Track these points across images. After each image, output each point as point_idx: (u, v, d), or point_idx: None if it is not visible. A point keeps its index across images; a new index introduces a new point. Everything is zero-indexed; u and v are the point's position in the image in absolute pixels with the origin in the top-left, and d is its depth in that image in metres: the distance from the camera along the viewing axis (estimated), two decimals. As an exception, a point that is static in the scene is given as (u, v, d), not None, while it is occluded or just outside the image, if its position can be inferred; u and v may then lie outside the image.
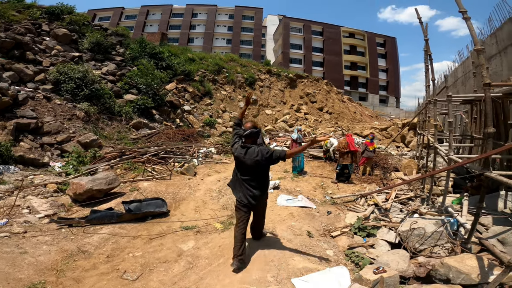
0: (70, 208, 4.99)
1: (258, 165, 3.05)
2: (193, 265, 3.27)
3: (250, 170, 3.09)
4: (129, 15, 49.02)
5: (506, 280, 2.60)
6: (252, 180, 3.10)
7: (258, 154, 3.01)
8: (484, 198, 3.42)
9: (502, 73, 6.54)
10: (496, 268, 2.78)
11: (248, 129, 3.14)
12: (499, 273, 2.40)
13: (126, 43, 15.92)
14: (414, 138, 12.72)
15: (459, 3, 2.95)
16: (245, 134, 3.12)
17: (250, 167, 3.07)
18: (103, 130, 10.28)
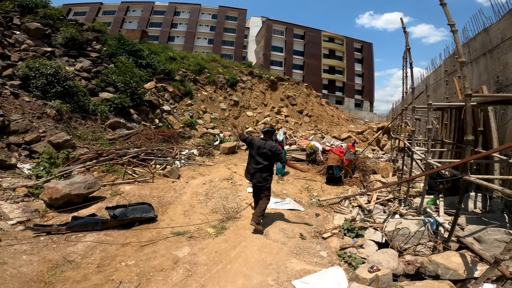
0: (45, 213, 4.59)
1: (272, 153, 4.33)
2: (192, 273, 3.19)
3: (265, 156, 4.30)
4: (107, 10, 46.79)
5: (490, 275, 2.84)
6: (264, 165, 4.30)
7: (273, 147, 4.37)
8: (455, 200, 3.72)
9: (472, 82, 7.10)
10: (479, 264, 3.03)
11: (266, 128, 4.61)
12: (487, 268, 2.61)
13: (103, 40, 15.15)
14: (388, 141, 13.43)
15: (448, 16, 3.17)
16: (264, 130, 4.60)
17: (266, 154, 4.30)
18: (76, 129, 9.67)
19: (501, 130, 5.81)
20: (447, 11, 3.25)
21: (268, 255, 3.58)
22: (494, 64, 6.01)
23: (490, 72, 6.17)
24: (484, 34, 6.43)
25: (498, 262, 2.51)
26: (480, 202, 5.66)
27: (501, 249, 2.78)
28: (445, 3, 3.40)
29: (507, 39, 5.46)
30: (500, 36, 5.73)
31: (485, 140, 6.02)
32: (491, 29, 6.12)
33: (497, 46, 5.84)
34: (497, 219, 4.57)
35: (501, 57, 5.72)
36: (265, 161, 4.32)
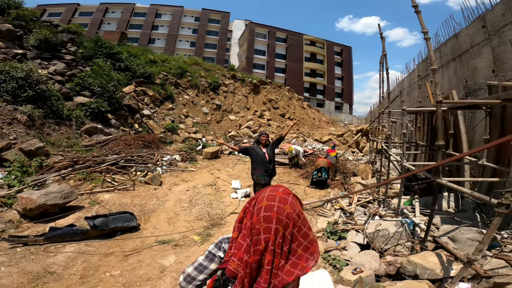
0: (20, 224, 4.41)
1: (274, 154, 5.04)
2: None
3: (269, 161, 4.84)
4: (84, 11, 44.95)
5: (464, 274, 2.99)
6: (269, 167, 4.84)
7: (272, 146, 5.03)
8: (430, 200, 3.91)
9: (443, 86, 7.48)
10: (454, 263, 3.18)
11: (263, 132, 5.17)
12: (461, 268, 2.74)
13: (79, 41, 14.57)
14: (367, 144, 13.89)
15: (422, 24, 3.35)
16: (262, 133, 5.06)
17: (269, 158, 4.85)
18: (49, 136, 9.20)
19: (470, 133, 6.19)
20: (421, 19, 3.43)
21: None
22: (463, 69, 6.38)
23: (460, 76, 6.55)
24: (454, 40, 6.80)
25: (470, 262, 2.64)
26: (453, 202, 5.94)
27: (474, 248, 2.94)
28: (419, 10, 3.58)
29: (475, 44, 5.80)
30: (469, 41, 6.08)
31: (456, 143, 6.38)
32: (461, 34, 6.47)
33: (466, 51, 6.20)
34: (469, 218, 4.80)
35: (470, 62, 6.07)
36: (270, 163, 4.92)
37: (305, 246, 1.12)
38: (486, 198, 2.77)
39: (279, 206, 1.07)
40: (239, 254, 1.10)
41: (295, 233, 1.10)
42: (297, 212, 1.10)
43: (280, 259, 1.08)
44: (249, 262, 1.06)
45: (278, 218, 1.06)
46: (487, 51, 5.43)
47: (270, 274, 1.06)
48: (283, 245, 1.08)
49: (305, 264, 1.08)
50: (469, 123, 6.25)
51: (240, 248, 1.12)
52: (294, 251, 1.11)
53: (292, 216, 1.08)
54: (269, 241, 1.05)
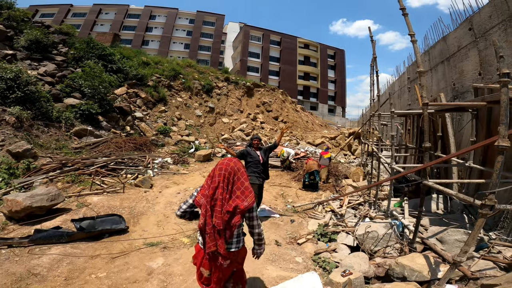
0: (6, 226, 4.31)
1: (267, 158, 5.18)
2: (167, 283, 3.12)
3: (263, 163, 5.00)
4: (77, 12, 44.46)
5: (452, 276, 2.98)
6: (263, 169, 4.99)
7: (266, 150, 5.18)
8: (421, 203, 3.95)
9: (432, 89, 7.61)
10: (442, 265, 3.18)
11: (255, 136, 5.25)
12: (447, 270, 2.74)
13: (71, 42, 14.40)
14: (359, 146, 14.03)
15: (409, 26, 3.41)
16: (254, 137, 5.18)
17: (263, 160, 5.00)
18: (38, 138, 9.03)
19: (458, 135, 6.31)
20: (408, 21, 3.50)
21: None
22: (451, 72, 6.51)
23: (448, 79, 6.68)
24: (442, 43, 6.93)
25: (456, 264, 2.64)
26: (442, 203, 6.02)
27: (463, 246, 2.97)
28: (407, 13, 3.64)
29: (463, 47, 5.92)
30: (456, 44, 6.21)
31: (444, 145, 6.50)
32: (449, 37, 6.60)
33: (454, 54, 6.33)
34: (457, 219, 4.88)
35: (457, 64, 6.20)
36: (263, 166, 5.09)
37: (241, 190, 1.99)
38: (470, 200, 2.79)
39: (227, 163, 2.03)
40: (202, 191, 2.04)
41: (236, 180, 2.01)
42: (237, 167, 2.04)
43: (226, 194, 1.96)
44: (208, 194, 1.96)
45: (225, 168, 2.00)
46: (473, 54, 5.55)
47: (222, 202, 1.93)
48: (228, 185, 1.97)
49: (241, 202, 1.96)
50: (457, 126, 6.37)
51: (203, 188, 2.05)
52: (234, 192, 1.99)
53: (234, 169, 2.02)
54: (220, 181, 1.96)
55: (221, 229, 1.97)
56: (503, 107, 2.31)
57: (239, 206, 1.95)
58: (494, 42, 2.37)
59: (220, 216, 1.93)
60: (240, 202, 1.96)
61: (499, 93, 2.37)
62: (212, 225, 1.95)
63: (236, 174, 2.02)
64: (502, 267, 3.20)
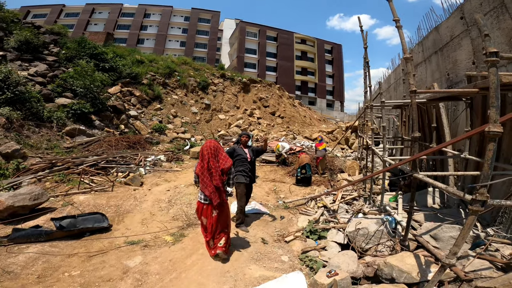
0: None
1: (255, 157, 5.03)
2: (142, 282, 3.02)
3: (251, 162, 4.80)
4: (70, 12, 44.15)
5: (443, 277, 2.78)
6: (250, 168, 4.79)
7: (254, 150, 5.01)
8: (415, 197, 3.75)
9: (426, 80, 7.41)
10: (433, 265, 2.97)
11: (243, 132, 5.13)
12: (436, 271, 2.52)
13: (63, 42, 14.26)
14: (356, 140, 13.85)
15: (393, 11, 3.23)
16: (243, 133, 5.03)
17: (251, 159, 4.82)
18: (29, 138, 8.92)
19: (453, 126, 6.12)
20: (392, 6, 3.31)
21: (226, 261, 3.44)
22: (444, 62, 6.31)
23: (442, 69, 6.49)
24: (435, 33, 6.73)
25: (444, 267, 2.44)
26: (438, 197, 5.79)
27: (452, 247, 2.75)
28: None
29: (455, 37, 5.73)
30: (449, 34, 6.02)
31: (439, 136, 6.32)
32: (441, 27, 6.40)
33: (447, 44, 6.13)
34: (453, 214, 4.61)
35: (451, 54, 6.01)
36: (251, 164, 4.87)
37: (222, 158, 3.47)
38: (460, 194, 2.54)
39: (209, 145, 3.45)
40: (199, 166, 3.48)
41: (217, 153, 3.47)
42: (216, 146, 3.48)
43: (214, 162, 3.42)
44: (204, 167, 3.42)
45: (210, 147, 3.43)
46: (466, 43, 5.36)
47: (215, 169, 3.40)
48: (214, 156, 3.43)
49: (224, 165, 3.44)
50: (451, 116, 6.19)
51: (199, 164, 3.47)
52: (218, 160, 3.45)
53: (215, 147, 3.47)
54: (210, 156, 3.41)
55: (219, 187, 3.42)
56: (493, 88, 2.14)
57: (224, 168, 3.46)
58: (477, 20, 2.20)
59: (218, 178, 3.41)
60: (224, 165, 3.47)
61: (488, 73, 2.20)
62: (214, 186, 3.40)
63: (217, 149, 3.50)
64: (499, 267, 2.97)
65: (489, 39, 2.14)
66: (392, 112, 10.67)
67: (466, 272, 2.88)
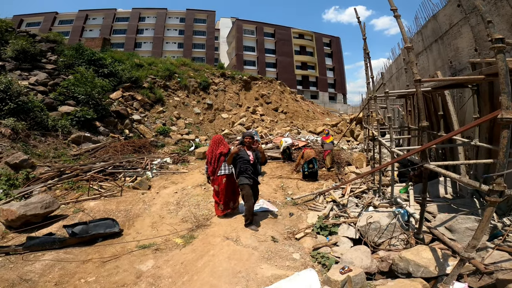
0: (5, 235, 4.40)
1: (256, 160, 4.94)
2: (156, 286, 3.03)
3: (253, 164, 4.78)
4: (64, 20, 44.27)
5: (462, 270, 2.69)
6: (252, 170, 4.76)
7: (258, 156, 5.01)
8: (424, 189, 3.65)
9: (429, 68, 7.30)
10: (451, 259, 2.89)
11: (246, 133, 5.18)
12: (455, 265, 2.47)
13: (60, 50, 14.29)
14: (361, 131, 13.74)
15: (390, 1, 3.16)
16: (246, 134, 5.10)
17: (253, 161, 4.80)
18: (36, 148, 9.01)
19: (460, 113, 6.01)
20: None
21: (238, 262, 3.43)
22: (446, 50, 6.20)
23: (444, 58, 6.37)
24: (433, 21, 6.61)
25: (464, 260, 2.38)
26: (450, 187, 5.63)
27: (471, 239, 2.61)
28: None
29: (454, 25, 5.62)
30: (447, 22, 5.90)
31: (447, 124, 6.21)
32: (439, 15, 6.28)
33: (447, 32, 6.02)
34: (467, 204, 4.51)
35: (452, 42, 5.89)
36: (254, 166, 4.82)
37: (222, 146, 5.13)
38: (476, 184, 2.47)
39: (215, 136, 5.34)
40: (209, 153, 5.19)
41: (220, 143, 5.19)
42: (220, 138, 5.30)
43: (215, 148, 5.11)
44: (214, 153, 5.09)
45: (215, 139, 5.28)
46: (466, 31, 5.25)
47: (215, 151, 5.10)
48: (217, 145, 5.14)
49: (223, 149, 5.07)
50: (458, 103, 6.08)
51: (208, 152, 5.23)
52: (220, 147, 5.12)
53: (219, 139, 5.27)
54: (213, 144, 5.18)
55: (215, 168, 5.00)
56: (502, 74, 2.08)
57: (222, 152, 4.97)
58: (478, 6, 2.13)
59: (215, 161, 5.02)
60: (220, 150, 5.00)
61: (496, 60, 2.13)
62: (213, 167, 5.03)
63: (220, 141, 5.18)
64: None
65: (493, 26, 2.07)
66: (396, 102, 10.54)
67: (486, 265, 2.78)
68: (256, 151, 4.97)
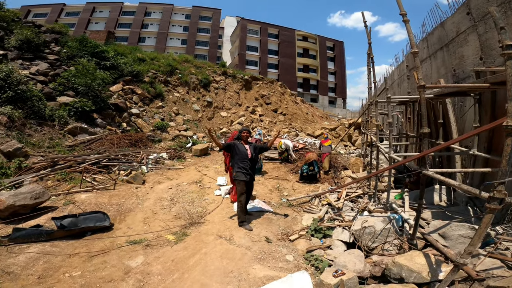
0: None
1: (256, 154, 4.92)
2: (144, 283, 2.95)
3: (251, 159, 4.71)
4: (70, 11, 44.21)
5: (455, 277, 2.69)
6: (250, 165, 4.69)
7: (256, 148, 4.95)
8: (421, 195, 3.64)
9: (432, 76, 7.29)
10: (443, 265, 2.88)
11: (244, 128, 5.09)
12: (449, 271, 2.46)
13: (64, 41, 14.23)
14: (359, 137, 13.72)
15: (400, 5, 3.12)
16: (243, 129, 5.00)
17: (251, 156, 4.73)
18: (31, 137, 8.89)
19: (460, 122, 5.99)
20: (399, 1, 3.21)
21: (230, 261, 3.38)
22: (450, 58, 6.19)
23: (448, 65, 6.36)
24: (440, 29, 6.60)
25: (458, 267, 2.38)
26: (445, 195, 5.67)
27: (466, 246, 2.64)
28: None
29: (461, 32, 5.61)
30: (455, 29, 5.89)
31: (446, 133, 6.20)
32: (447, 23, 6.27)
33: (453, 39, 6.00)
34: (461, 212, 4.55)
35: (457, 50, 5.87)
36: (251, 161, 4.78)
37: None
38: (476, 192, 2.48)
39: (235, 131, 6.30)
40: None
41: None
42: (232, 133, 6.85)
43: None
44: None
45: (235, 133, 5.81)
46: (473, 39, 5.23)
47: None
48: None
49: None
50: (458, 112, 6.06)
51: None
52: None
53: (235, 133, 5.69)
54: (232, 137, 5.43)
55: None
56: (510, 81, 2.04)
57: None
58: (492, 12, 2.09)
59: None
60: None
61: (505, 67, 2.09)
62: None
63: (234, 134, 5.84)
64: (511, 266, 2.94)
65: (505, 32, 2.03)
66: (396, 108, 10.53)
67: (477, 272, 2.79)
68: (254, 145, 4.96)
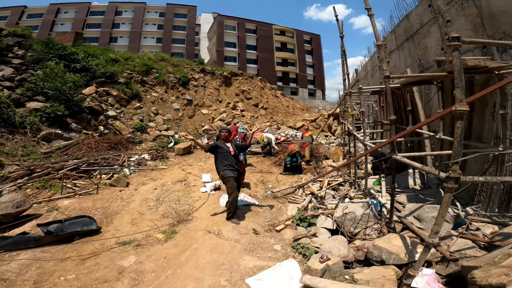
0: None
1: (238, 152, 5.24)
2: (139, 281, 3.03)
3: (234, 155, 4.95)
4: (33, 14, 41.49)
5: (430, 257, 2.87)
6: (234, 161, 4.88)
7: (237, 146, 5.24)
8: (395, 178, 3.88)
9: (400, 66, 7.70)
10: (419, 246, 3.07)
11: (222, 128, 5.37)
12: (422, 251, 2.61)
13: (28, 44, 13.45)
14: (339, 127, 14.19)
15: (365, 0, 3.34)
16: (222, 128, 5.23)
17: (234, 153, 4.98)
18: (3, 146, 8.47)
19: (427, 108, 6.43)
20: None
21: (220, 255, 3.52)
22: (416, 49, 6.58)
23: (414, 56, 6.76)
24: (406, 21, 6.97)
25: (428, 246, 2.53)
26: (418, 178, 5.99)
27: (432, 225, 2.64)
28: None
29: (425, 24, 5.97)
30: (419, 21, 6.26)
31: (415, 119, 6.63)
32: (411, 15, 6.64)
33: (417, 31, 6.38)
34: (433, 195, 4.78)
35: (421, 41, 6.26)
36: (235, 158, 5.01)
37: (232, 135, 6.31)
38: (435, 172, 2.61)
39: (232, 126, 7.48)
40: None
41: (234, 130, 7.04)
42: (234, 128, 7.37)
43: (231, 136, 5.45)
44: None
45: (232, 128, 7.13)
46: (435, 30, 5.60)
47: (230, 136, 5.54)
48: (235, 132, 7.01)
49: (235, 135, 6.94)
50: (425, 99, 6.49)
51: None
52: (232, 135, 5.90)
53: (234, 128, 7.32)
54: None
55: None
56: (457, 70, 2.30)
57: None
58: (439, 6, 2.34)
59: None
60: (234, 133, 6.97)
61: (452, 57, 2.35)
62: None
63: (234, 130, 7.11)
64: (482, 246, 3.05)
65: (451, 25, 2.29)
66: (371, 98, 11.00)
67: (451, 252, 2.95)
68: (235, 143, 5.26)
